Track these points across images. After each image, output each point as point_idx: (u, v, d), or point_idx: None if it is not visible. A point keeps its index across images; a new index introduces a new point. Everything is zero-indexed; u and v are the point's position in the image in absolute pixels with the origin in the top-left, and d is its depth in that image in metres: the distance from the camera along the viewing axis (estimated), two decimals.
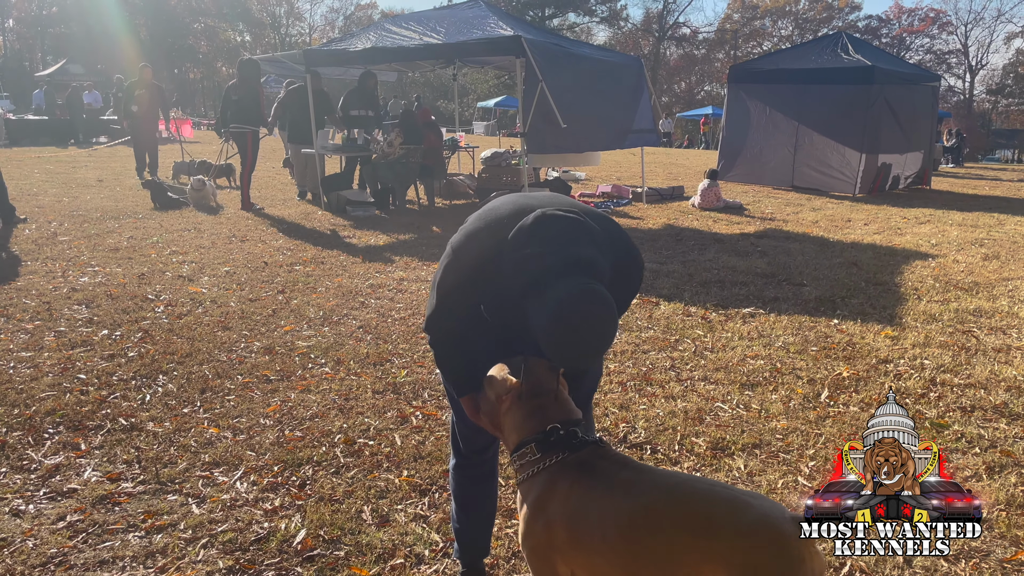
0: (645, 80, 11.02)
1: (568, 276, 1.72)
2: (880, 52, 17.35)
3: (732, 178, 14.88)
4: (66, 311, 5.33)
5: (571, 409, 1.99)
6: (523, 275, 1.78)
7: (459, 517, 2.48)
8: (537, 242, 1.78)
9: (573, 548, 1.80)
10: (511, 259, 1.82)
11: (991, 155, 39.82)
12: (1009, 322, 5.42)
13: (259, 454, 3.36)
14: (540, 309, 1.72)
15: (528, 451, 1.91)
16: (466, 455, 2.40)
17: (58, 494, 3.00)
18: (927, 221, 10.40)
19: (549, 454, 1.88)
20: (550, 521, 1.82)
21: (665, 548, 1.70)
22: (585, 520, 1.79)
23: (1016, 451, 3.43)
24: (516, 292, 1.81)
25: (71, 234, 8.03)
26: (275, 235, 8.44)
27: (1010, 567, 2.59)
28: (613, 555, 1.75)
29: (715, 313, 5.60)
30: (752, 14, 58.86)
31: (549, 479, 1.86)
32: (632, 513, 1.74)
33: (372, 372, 4.36)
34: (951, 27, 53.40)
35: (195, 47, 57.60)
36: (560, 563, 1.83)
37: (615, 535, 1.74)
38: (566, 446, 1.88)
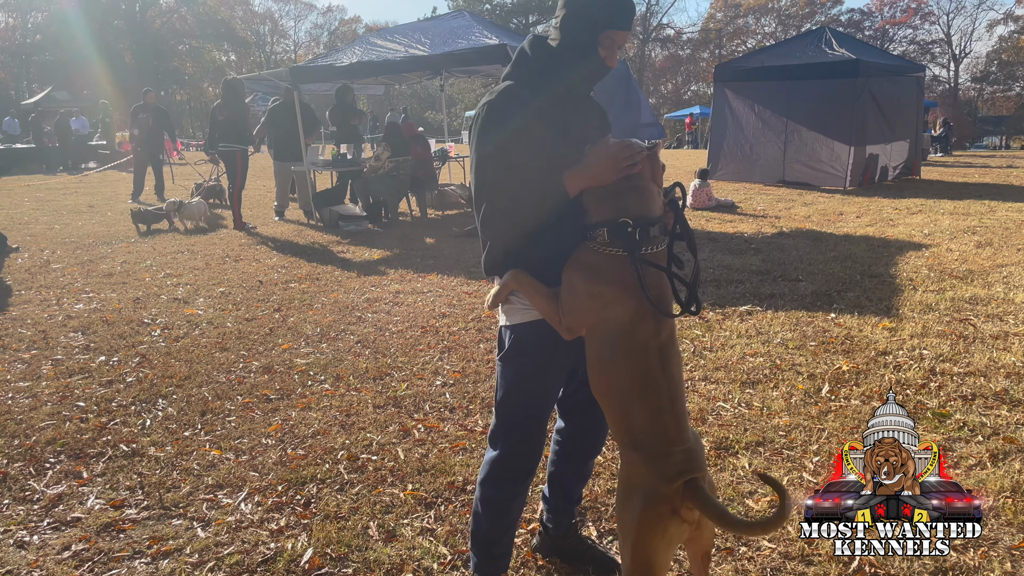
0: (632, 80, 11.06)
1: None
2: (864, 45, 17.43)
3: (722, 177, 14.93)
4: (62, 339, 5.32)
5: (653, 207, 2.05)
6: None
7: (494, 525, 2.34)
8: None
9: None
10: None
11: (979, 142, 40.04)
12: (1005, 308, 5.43)
13: (262, 474, 3.35)
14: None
15: (600, 233, 2.00)
16: (520, 437, 2.26)
17: (62, 524, 2.99)
18: (919, 211, 10.44)
19: (614, 244, 1.98)
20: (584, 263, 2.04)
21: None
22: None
23: (1019, 438, 3.43)
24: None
25: (64, 261, 8.01)
26: (269, 253, 8.43)
27: (1019, 554, 2.59)
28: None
29: (712, 312, 5.60)
30: (735, 12, 59.09)
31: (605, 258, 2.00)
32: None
33: (372, 387, 4.35)
34: (933, 17, 53.72)
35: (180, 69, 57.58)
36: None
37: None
38: (629, 244, 1.97)
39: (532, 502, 3.02)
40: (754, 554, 2.65)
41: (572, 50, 2.06)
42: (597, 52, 2.06)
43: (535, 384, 2.21)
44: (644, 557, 1.92)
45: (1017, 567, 2.53)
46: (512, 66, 2.17)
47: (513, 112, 2.05)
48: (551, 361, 2.19)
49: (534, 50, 2.14)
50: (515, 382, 2.22)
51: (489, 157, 2.03)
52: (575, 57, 2.07)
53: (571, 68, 2.08)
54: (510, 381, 2.23)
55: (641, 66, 55.08)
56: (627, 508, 1.95)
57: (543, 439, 2.31)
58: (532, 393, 2.22)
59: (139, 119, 13.36)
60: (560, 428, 2.54)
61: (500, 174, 2.03)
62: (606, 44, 2.05)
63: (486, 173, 2.04)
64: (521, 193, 2.02)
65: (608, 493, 3.10)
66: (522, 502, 2.37)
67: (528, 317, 2.15)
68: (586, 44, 2.05)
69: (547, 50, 2.11)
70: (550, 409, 2.28)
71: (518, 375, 2.21)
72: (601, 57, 2.07)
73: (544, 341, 2.14)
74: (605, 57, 2.07)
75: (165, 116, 13.88)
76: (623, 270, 1.97)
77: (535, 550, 2.71)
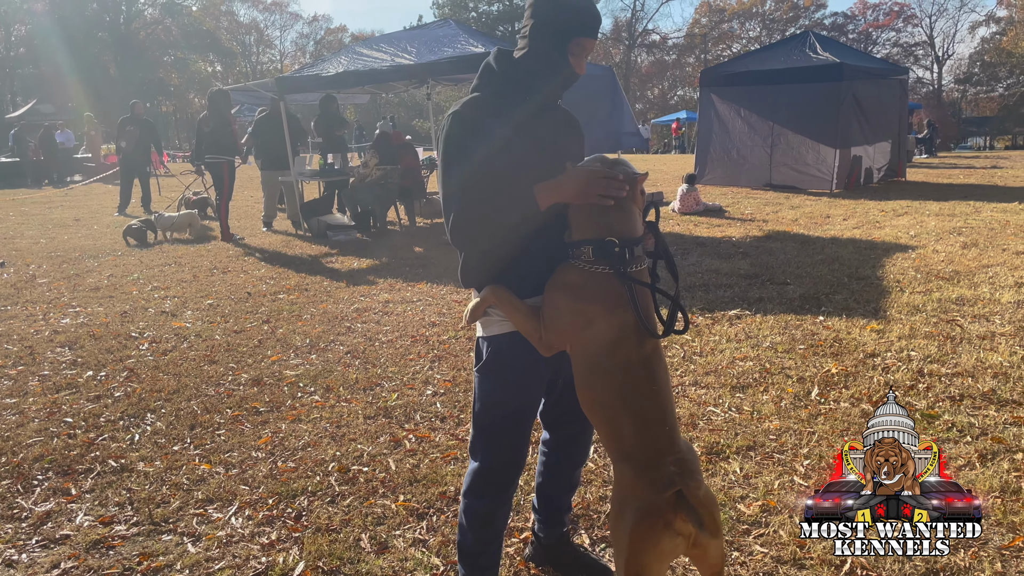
0: (618, 87, 11.10)
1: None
2: (848, 49, 17.58)
3: (710, 181, 14.99)
4: (49, 354, 5.28)
5: (636, 227, 2.07)
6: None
7: (479, 536, 2.33)
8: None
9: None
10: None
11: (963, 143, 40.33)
12: (992, 309, 5.47)
13: (253, 488, 3.33)
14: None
15: (585, 252, 2.02)
16: (499, 447, 2.25)
17: (51, 541, 2.96)
18: (905, 213, 10.51)
19: (599, 262, 2.00)
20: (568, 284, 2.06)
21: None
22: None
23: (1007, 437, 3.46)
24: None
25: (50, 275, 7.96)
26: (257, 264, 8.40)
27: (1008, 553, 2.60)
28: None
29: (702, 317, 5.62)
30: (720, 17, 59.47)
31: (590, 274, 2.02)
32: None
33: (362, 397, 4.34)
34: (916, 20, 54.22)
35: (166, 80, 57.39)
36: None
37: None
38: (615, 262, 1.99)
39: (524, 511, 3.02)
40: (746, 559, 2.66)
41: (542, 59, 2.08)
42: (567, 60, 2.08)
43: (512, 396, 2.21)
44: (636, 571, 1.90)
45: (1007, 567, 2.54)
46: (478, 79, 2.18)
47: (479, 121, 2.06)
48: (529, 373, 2.19)
49: (500, 63, 2.16)
50: (492, 394, 2.22)
51: (456, 166, 2.04)
52: (545, 66, 2.09)
53: (541, 76, 2.10)
54: (487, 393, 2.23)
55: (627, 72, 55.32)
56: (620, 521, 1.94)
57: (524, 450, 2.30)
58: (510, 405, 2.22)
59: (126, 131, 13.31)
60: (545, 439, 2.54)
61: (468, 183, 2.04)
62: (576, 52, 2.08)
63: (453, 182, 2.05)
64: (489, 201, 2.02)
65: (600, 501, 3.10)
66: (506, 512, 2.36)
67: (505, 328, 2.16)
68: (556, 52, 2.07)
69: (514, 62, 2.13)
70: (530, 420, 2.28)
71: (495, 387, 2.21)
72: (571, 65, 2.09)
73: (521, 353, 2.14)
74: (575, 65, 2.09)
75: (151, 128, 13.84)
76: (608, 287, 1.99)
77: (528, 559, 2.70)
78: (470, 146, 2.04)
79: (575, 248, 2.04)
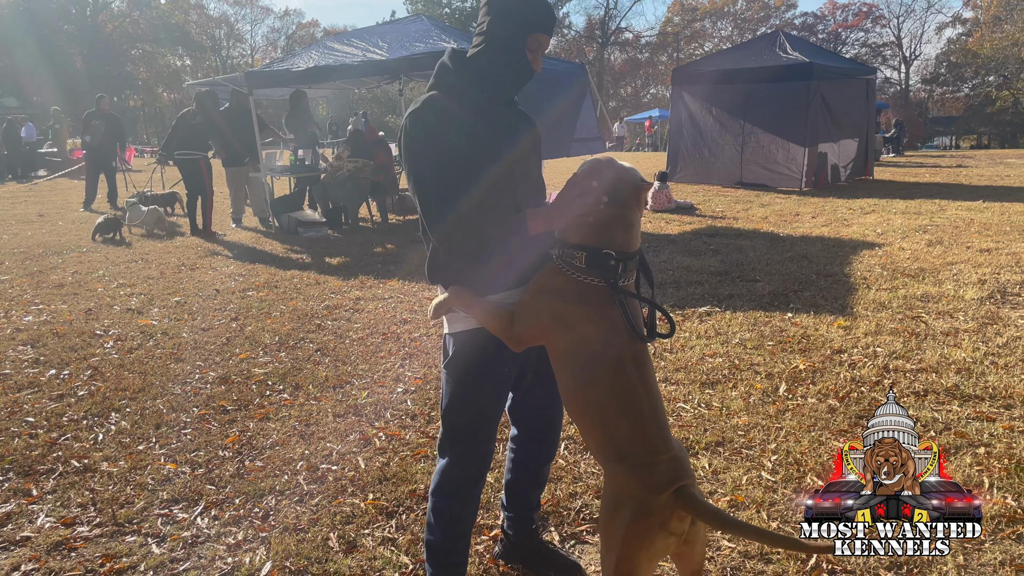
0: (590, 86, 11.08)
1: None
2: (817, 48, 17.76)
3: (681, 179, 15.08)
4: (11, 352, 5.17)
5: (635, 240, 2.05)
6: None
7: (447, 534, 2.31)
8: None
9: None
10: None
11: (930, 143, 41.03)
12: (955, 305, 5.56)
13: (219, 487, 3.28)
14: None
15: (578, 258, 1.98)
16: (467, 444, 2.25)
17: (11, 543, 2.90)
18: (872, 211, 10.65)
19: (590, 273, 1.97)
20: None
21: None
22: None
23: (970, 432, 3.51)
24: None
25: (12, 272, 7.80)
26: (226, 261, 8.30)
27: (971, 547, 2.65)
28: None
29: (672, 313, 5.64)
30: (692, 16, 59.85)
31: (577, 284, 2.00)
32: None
33: (332, 395, 4.30)
34: (884, 20, 54.94)
35: (134, 74, 56.45)
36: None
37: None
38: (607, 274, 1.96)
39: (493, 509, 3.01)
40: (714, 554, 2.67)
41: (498, 54, 2.09)
42: (524, 55, 2.09)
43: (480, 391, 2.21)
44: (628, 570, 1.89)
45: (969, 560, 2.59)
46: (434, 78, 2.18)
47: (437, 118, 2.06)
48: (495, 368, 2.19)
49: (455, 62, 2.16)
50: (459, 390, 2.22)
51: (424, 166, 2.04)
52: (501, 60, 2.09)
53: (497, 71, 2.11)
54: (454, 389, 2.22)
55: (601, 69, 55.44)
56: (614, 521, 1.91)
57: (491, 446, 2.31)
58: (477, 401, 2.22)
59: (92, 125, 13.09)
60: (514, 436, 2.54)
61: (439, 184, 2.03)
62: (532, 47, 2.09)
63: (425, 184, 2.04)
64: (464, 195, 2.02)
65: (569, 497, 3.10)
66: (474, 510, 2.36)
67: (471, 324, 2.16)
68: (513, 47, 2.08)
69: (469, 59, 2.13)
70: (497, 415, 2.28)
71: (462, 383, 2.21)
72: (528, 60, 2.09)
73: (487, 348, 2.15)
74: (531, 60, 2.11)
75: (117, 123, 13.61)
76: (596, 296, 1.98)
77: (497, 557, 2.70)
78: (435, 144, 2.03)
79: (565, 250, 2.02)
